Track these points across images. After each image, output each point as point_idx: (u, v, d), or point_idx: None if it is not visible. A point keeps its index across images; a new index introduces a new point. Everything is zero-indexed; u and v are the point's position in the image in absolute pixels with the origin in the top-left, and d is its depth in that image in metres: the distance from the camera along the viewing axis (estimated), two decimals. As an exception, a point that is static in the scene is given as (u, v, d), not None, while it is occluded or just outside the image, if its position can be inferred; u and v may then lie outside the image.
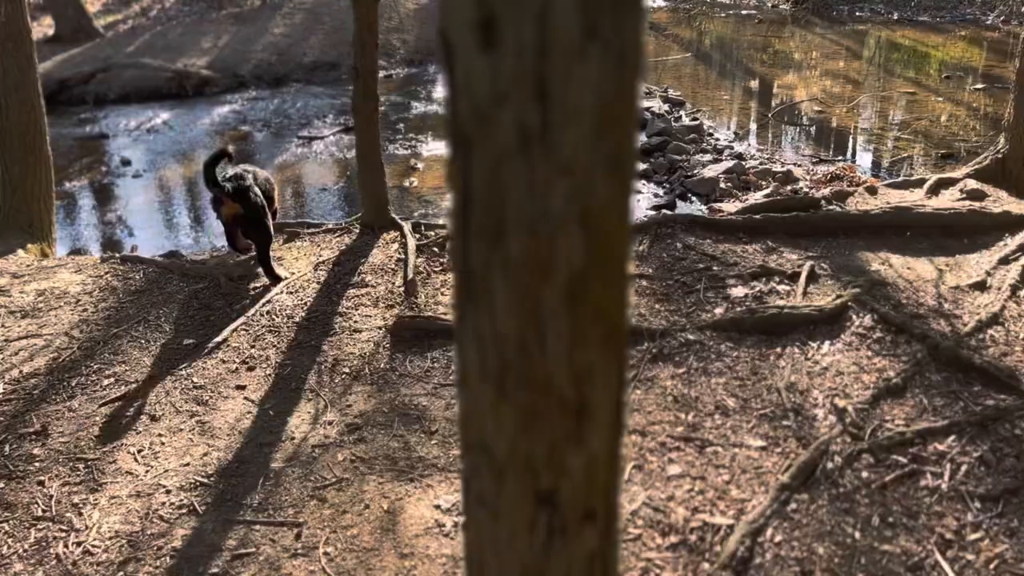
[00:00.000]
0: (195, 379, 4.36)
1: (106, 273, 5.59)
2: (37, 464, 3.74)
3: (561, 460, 1.05)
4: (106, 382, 4.37)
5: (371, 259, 5.60)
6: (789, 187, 9.09)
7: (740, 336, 4.57)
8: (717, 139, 11.16)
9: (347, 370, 4.41)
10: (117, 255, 5.84)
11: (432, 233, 5.91)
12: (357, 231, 6.08)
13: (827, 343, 4.48)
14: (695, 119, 11.73)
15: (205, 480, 3.63)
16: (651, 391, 4.19)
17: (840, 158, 10.68)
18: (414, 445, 3.84)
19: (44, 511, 3.45)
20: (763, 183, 9.37)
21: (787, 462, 3.66)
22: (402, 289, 5.15)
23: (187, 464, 3.73)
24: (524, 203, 0.89)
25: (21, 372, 4.50)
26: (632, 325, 4.65)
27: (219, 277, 5.33)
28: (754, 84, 14.71)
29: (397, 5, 18.35)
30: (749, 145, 11.21)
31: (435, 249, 5.71)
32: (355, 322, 4.86)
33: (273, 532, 3.36)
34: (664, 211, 6.84)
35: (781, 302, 4.88)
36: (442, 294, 5.18)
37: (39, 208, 6.62)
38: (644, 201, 9.25)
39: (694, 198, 9.36)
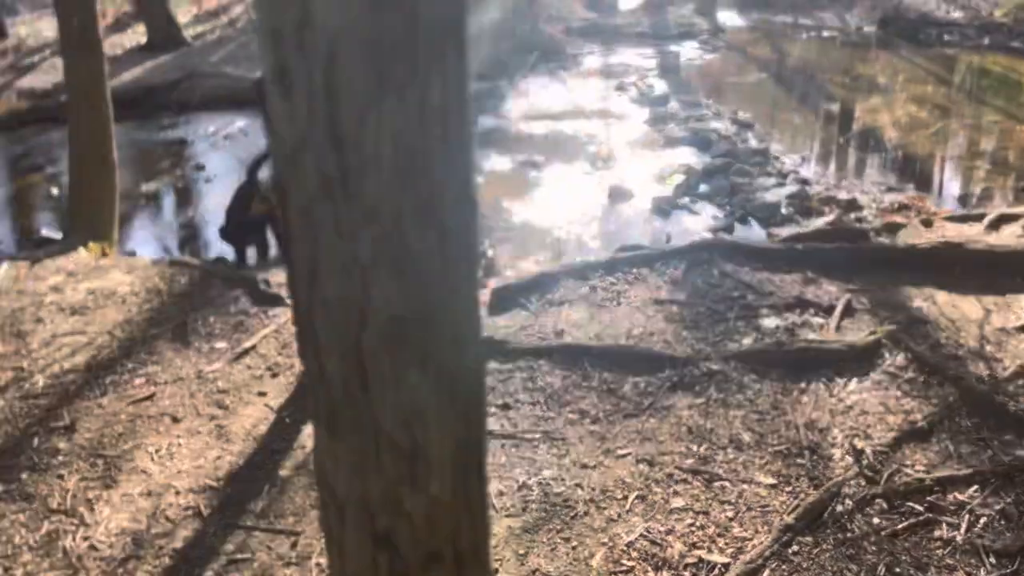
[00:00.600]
0: (220, 383, 4.48)
1: (154, 275, 5.79)
2: (60, 458, 3.90)
3: (398, 502, 1.05)
4: (137, 381, 4.53)
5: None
6: (852, 215, 8.85)
7: (765, 369, 4.46)
8: (784, 163, 10.91)
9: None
10: (167, 258, 6.05)
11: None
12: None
13: (854, 381, 4.33)
14: (762, 142, 11.51)
15: (214, 483, 3.72)
16: (666, 420, 4.12)
17: (912, 188, 10.33)
18: (420, 461, 3.86)
19: (59, 504, 3.59)
20: (826, 210, 9.13)
21: (795, 502, 3.56)
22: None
23: (200, 466, 3.84)
24: (334, 247, 0.90)
25: (62, 368, 4.70)
26: (654, 352, 4.60)
27: (258, 284, 5.47)
28: (830, 108, 14.36)
29: (472, 21, 18.57)
30: (817, 170, 10.94)
31: (469, 265, 5.75)
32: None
33: (271, 539, 3.42)
34: (706, 236, 6.74)
35: (813, 336, 4.75)
36: (470, 311, 5.21)
37: (102, 209, 6.90)
38: (700, 223, 9.12)
39: (753, 222, 9.18)
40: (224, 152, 12.75)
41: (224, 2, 20.83)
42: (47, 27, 18.81)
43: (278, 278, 5.71)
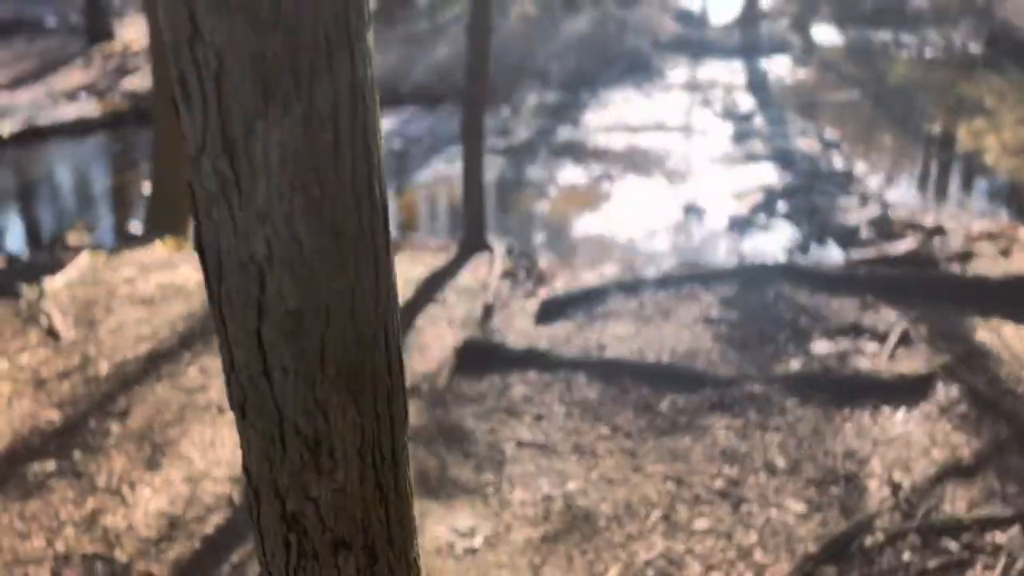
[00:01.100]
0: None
1: (221, 271, 6.04)
2: (112, 440, 4.11)
3: (304, 487, 1.11)
4: (192, 372, 4.73)
5: (458, 279, 5.76)
6: (936, 241, 8.55)
7: (810, 394, 4.37)
8: (868, 185, 10.60)
9: (407, 385, 4.55)
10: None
11: (523, 259, 6.01)
12: (456, 251, 6.27)
13: (902, 411, 4.20)
14: (848, 162, 11.23)
15: (251, 473, 3.86)
16: (700, 440, 4.08)
17: (1005, 214, 9.91)
18: (449, 465, 3.92)
19: (105, 484, 3.79)
20: (908, 234, 8.85)
21: (823, 531, 3.47)
22: (480, 312, 5.27)
23: (239, 457, 3.98)
24: (233, 244, 0.97)
25: (125, 355, 4.95)
26: (696, 370, 4.55)
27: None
28: (928, 129, 13.90)
29: (559, 32, 18.70)
30: (905, 194, 10.60)
31: (521, 275, 5.80)
32: (427, 339, 5.01)
33: (297, 530, 3.53)
34: (771, 255, 6.61)
35: (865, 363, 4.62)
36: (518, 319, 5.26)
37: (180, 206, 7.23)
38: (775, 242, 8.97)
39: (831, 244, 8.97)
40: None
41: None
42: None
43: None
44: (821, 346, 4.82)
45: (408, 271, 5.99)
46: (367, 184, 1.00)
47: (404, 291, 5.62)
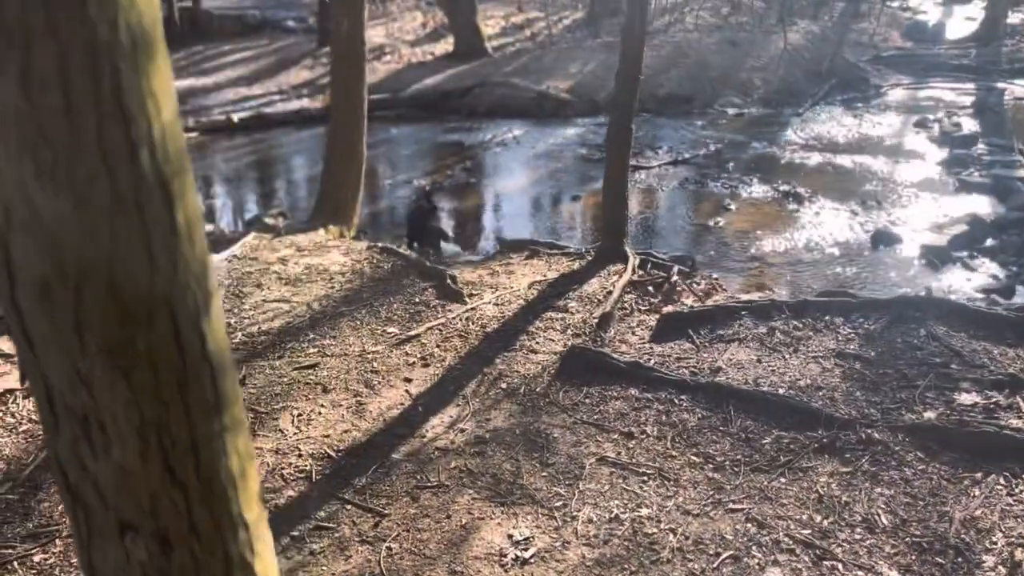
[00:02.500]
0: (376, 364, 4.77)
1: (365, 259, 6.29)
2: (221, 405, 4.37)
3: (80, 460, 1.09)
4: (311, 350, 4.95)
5: (585, 287, 5.64)
6: None
7: (938, 449, 3.88)
8: (1098, 228, 9.35)
9: (504, 386, 4.52)
10: (379, 244, 6.54)
11: (656, 272, 5.79)
12: (590, 258, 6.15)
13: (1046, 482, 3.63)
14: (1076, 196, 9.95)
15: (333, 454, 3.98)
16: (797, 483, 3.73)
17: None
18: (524, 472, 3.84)
19: (202, 445, 4.03)
20: None
21: (911, 604, 3.06)
22: (596, 321, 5.13)
23: (327, 436, 4.12)
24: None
25: (259, 328, 5.26)
26: (811, 407, 4.17)
27: (447, 279, 5.74)
28: None
29: (768, 44, 17.91)
30: None
31: (650, 288, 5.58)
32: (537, 343, 4.94)
33: (359, 515, 3.59)
34: (920, 292, 5.91)
35: (1016, 422, 4.04)
36: (634, 333, 5.06)
37: (346, 196, 7.61)
38: (973, 280, 8.09)
39: (1040, 289, 8.00)
40: (495, 158, 13.43)
41: (530, 16, 21.89)
42: (377, 34, 20.95)
43: (465, 276, 5.94)
44: (968, 398, 4.27)
45: (537, 275, 5.95)
46: (128, 152, 0.96)
47: (526, 294, 5.58)
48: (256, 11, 22.05)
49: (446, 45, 19.63)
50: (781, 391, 4.35)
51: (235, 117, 15.05)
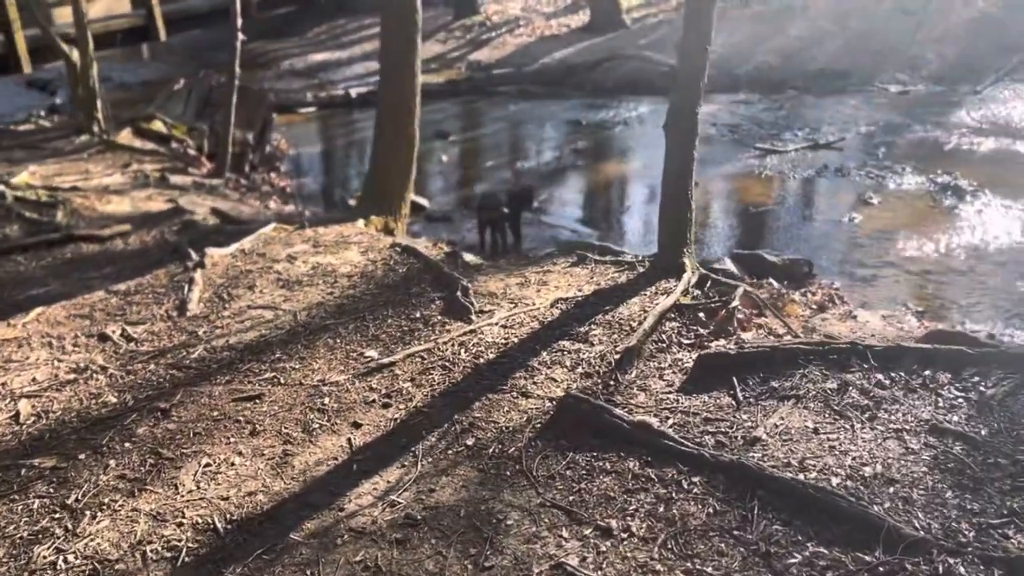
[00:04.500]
0: (326, 400, 3.88)
1: (381, 260, 5.42)
2: (126, 445, 3.63)
3: None
4: (267, 375, 4.13)
5: (622, 308, 4.50)
6: None
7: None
8: None
9: (471, 442, 3.51)
10: (401, 243, 5.65)
11: (713, 293, 4.56)
12: (642, 269, 4.99)
13: None
14: None
15: (221, 526, 3.13)
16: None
17: None
18: (449, 572, 2.84)
19: (74, 502, 3.29)
20: None
21: None
22: (617, 357, 4.01)
23: (227, 499, 3.27)
24: None
25: (227, 342, 4.52)
26: (871, 514, 2.91)
27: (458, 292, 4.77)
28: None
29: (949, 12, 15.56)
30: None
31: (700, 314, 4.37)
32: (534, 383, 3.89)
33: (210, 625, 2.72)
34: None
35: None
36: (661, 376, 3.90)
37: (394, 182, 6.76)
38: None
39: None
40: (611, 139, 12.27)
41: (672, -15, 20.31)
42: (514, 6, 20.12)
43: (490, 285, 4.95)
44: (1122, 515, 2.87)
45: (572, 288, 4.87)
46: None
47: (546, 314, 4.52)
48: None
49: (583, 16, 18.54)
50: (835, 481, 3.10)
51: (353, 92, 14.65)
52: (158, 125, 10.06)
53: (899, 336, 4.26)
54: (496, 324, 4.43)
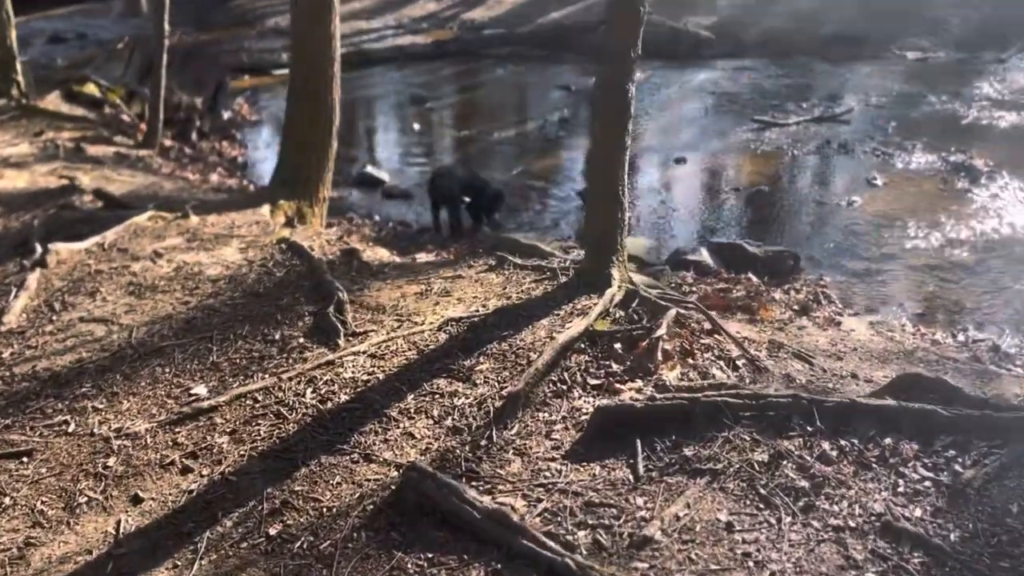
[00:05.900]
0: (111, 461, 3.00)
1: (260, 260, 4.53)
2: None
3: None
4: (54, 419, 3.27)
5: (524, 333, 3.56)
6: None
7: None
8: None
9: (273, 532, 2.63)
10: (288, 240, 4.74)
11: (641, 313, 3.61)
12: (565, 279, 4.04)
13: None
14: None
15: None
16: None
17: None
18: None
19: None
20: None
21: None
22: (498, 405, 3.09)
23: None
24: None
25: (34, 368, 3.66)
26: None
27: (330, 310, 3.86)
28: None
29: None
30: None
31: (616, 345, 3.41)
32: (384, 441, 2.99)
33: None
34: None
35: None
36: (549, 435, 2.98)
37: (310, 161, 5.82)
38: None
39: None
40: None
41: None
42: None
43: (382, 296, 4.06)
44: None
45: (473, 303, 3.95)
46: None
47: (431, 339, 3.61)
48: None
49: (589, -24, 17.38)
50: (741, 617, 2.20)
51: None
52: (91, 88, 9.19)
53: (862, 380, 3.30)
54: (365, 353, 3.52)
